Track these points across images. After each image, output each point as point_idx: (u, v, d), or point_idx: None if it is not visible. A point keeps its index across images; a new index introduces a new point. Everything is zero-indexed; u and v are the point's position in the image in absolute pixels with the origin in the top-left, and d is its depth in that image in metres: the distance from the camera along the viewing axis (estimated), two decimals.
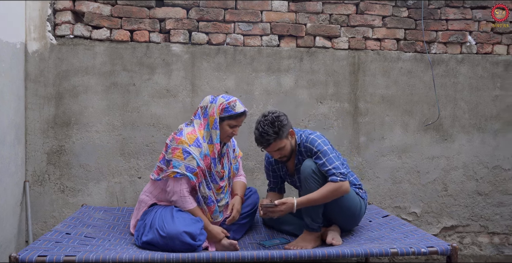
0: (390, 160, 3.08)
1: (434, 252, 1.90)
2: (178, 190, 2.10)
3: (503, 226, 3.18)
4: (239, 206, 2.30)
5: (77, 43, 2.84)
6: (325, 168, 2.15)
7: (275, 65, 2.99)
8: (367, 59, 3.06)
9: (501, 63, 3.15)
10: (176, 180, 2.10)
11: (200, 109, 2.23)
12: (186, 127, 2.20)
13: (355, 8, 3.06)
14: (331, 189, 2.13)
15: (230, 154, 2.37)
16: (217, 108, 2.18)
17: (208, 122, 2.18)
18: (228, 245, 2.11)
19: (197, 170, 2.10)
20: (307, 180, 2.18)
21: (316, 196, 2.14)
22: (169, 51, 2.91)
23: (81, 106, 2.85)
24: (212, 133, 2.18)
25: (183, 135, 2.13)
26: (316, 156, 2.19)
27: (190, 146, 2.10)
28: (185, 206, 2.10)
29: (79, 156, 2.85)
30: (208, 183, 2.18)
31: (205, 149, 2.15)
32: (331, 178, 2.14)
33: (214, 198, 2.22)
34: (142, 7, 2.89)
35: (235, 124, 2.21)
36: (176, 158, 2.09)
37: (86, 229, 2.21)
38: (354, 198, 2.29)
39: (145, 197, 2.24)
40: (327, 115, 3.03)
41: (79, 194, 2.86)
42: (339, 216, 2.29)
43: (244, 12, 2.96)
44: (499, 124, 3.14)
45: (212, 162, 2.18)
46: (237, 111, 2.18)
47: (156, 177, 2.21)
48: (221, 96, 2.22)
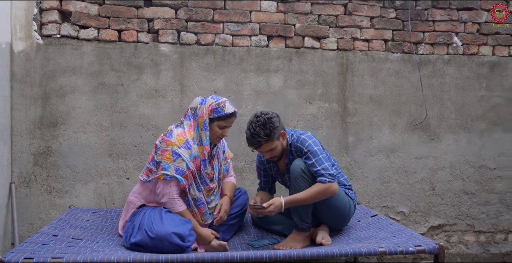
0: (378, 160, 3.11)
1: (421, 251, 1.92)
2: (168, 192, 2.09)
3: (489, 225, 3.22)
4: (227, 206, 2.30)
5: (64, 42, 2.81)
6: (315, 168, 2.16)
7: (264, 65, 2.99)
8: (355, 60, 3.08)
9: (486, 64, 3.19)
10: (165, 182, 2.09)
11: (190, 110, 2.23)
12: (176, 128, 2.19)
13: (343, 9, 3.08)
14: (320, 189, 2.14)
15: (220, 156, 2.37)
16: (207, 109, 2.17)
17: (198, 123, 2.17)
18: (217, 246, 2.11)
19: (187, 172, 2.10)
20: (297, 180, 2.19)
21: (304, 196, 2.15)
22: (157, 51, 2.89)
23: (68, 107, 2.82)
24: (202, 135, 2.17)
25: (172, 137, 2.12)
26: (306, 156, 2.20)
27: (180, 148, 2.09)
28: (175, 208, 2.10)
29: (66, 157, 2.81)
30: (198, 185, 2.18)
31: (195, 150, 2.14)
32: (320, 178, 2.14)
33: (204, 200, 2.21)
34: (130, 7, 2.87)
35: (224, 125, 2.21)
36: (165, 160, 2.08)
37: (73, 231, 2.18)
38: (343, 199, 2.30)
39: (133, 198, 2.23)
40: (316, 115, 3.05)
41: (67, 195, 2.82)
42: (329, 216, 2.31)
43: (233, 12, 2.96)
44: (485, 124, 3.19)
45: (202, 164, 2.17)
46: (226, 112, 2.18)
47: (146, 178, 2.19)
48: (211, 97, 2.22)
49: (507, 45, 3.22)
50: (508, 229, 3.24)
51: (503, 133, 3.20)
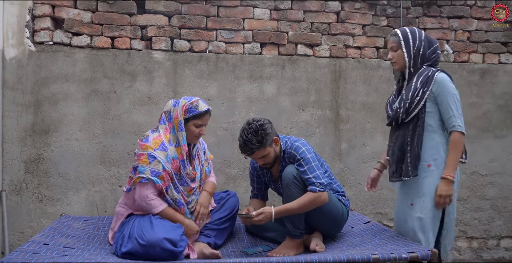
0: (371, 167, 3.09)
1: (414, 257, 1.92)
2: (145, 194, 2.08)
3: (481, 231, 3.24)
4: (205, 201, 2.29)
5: (56, 50, 2.80)
6: (306, 176, 2.16)
7: (257, 72, 3.00)
8: (348, 67, 3.10)
9: (477, 71, 3.23)
10: (142, 185, 2.09)
11: (164, 114, 2.23)
12: (152, 133, 2.20)
13: (336, 17, 3.11)
14: (309, 199, 2.14)
15: (201, 156, 2.37)
16: (181, 110, 2.18)
17: (173, 125, 2.18)
18: (210, 255, 2.10)
19: (163, 173, 2.09)
20: (289, 186, 2.19)
21: (295, 205, 2.15)
22: (150, 58, 2.89)
23: (60, 114, 2.80)
24: (178, 136, 2.17)
25: (148, 141, 2.12)
26: (298, 163, 2.20)
27: (155, 151, 2.09)
28: (156, 209, 2.09)
29: (58, 165, 2.79)
30: (176, 186, 2.17)
31: (172, 152, 2.15)
32: (310, 187, 2.14)
33: (184, 200, 2.20)
34: (123, 14, 2.88)
35: (200, 123, 2.21)
36: (141, 164, 2.09)
37: (65, 240, 2.15)
38: (336, 205, 2.31)
39: (121, 209, 2.22)
40: (309, 122, 3.06)
41: (58, 203, 2.80)
42: (322, 222, 2.30)
43: (226, 20, 2.97)
44: (475, 130, 3.22)
45: (181, 164, 2.17)
46: (200, 110, 2.19)
47: (127, 187, 2.19)
48: (183, 98, 2.23)
49: (497, 53, 3.27)
50: (500, 235, 3.26)
51: (494, 139, 3.24)
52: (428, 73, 2.10)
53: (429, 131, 2.11)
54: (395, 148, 2.21)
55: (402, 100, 2.16)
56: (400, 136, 2.18)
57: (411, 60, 2.15)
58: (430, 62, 2.15)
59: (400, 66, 2.19)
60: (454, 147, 2.06)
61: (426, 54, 2.14)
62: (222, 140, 2.95)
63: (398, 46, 2.16)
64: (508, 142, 3.25)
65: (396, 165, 2.18)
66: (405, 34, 2.15)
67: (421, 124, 2.10)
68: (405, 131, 2.15)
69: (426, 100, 2.09)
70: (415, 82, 2.12)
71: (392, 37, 2.19)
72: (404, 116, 2.14)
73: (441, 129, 2.12)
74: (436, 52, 2.16)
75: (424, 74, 2.11)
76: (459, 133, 2.06)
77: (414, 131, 2.12)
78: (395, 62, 2.20)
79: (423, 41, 2.13)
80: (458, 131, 2.05)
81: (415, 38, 2.13)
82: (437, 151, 2.10)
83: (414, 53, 2.13)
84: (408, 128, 2.14)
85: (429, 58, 2.15)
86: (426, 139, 2.11)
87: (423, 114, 2.10)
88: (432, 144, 2.11)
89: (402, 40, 2.14)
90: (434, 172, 2.09)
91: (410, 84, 2.14)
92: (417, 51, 2.13)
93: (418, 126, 2.11)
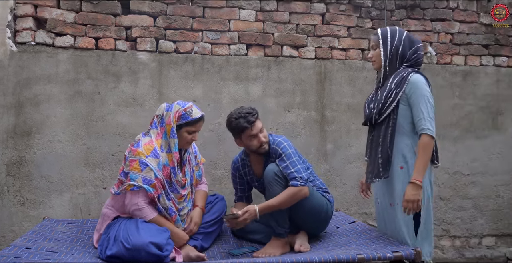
0: (356, 167, 3.14)
1: (399, 256, 1.94)
2: (136, 202, 2.06)
3: (463, 230, 3.30)
4: (198, 219, 2.28)
5: (39, 50, 2.75)
6: (288, 171, 2.20)
7: (243, 73, 3.00)
8: (333, 68, 3.13)
9: (459, 73, 3.29)
10: (133, 193, 2.07)
11: (156, 118, 2.20)
12: (144, 137, 2.16)
13: (321, 19, 3.13)
14: (291, 193, 2.17)
15: (192, 161, 2.36)
16: (173, 116, 2.14)
17: (165, 131, 2.15)
18: (195, 257, 2.09)
19: (155, 181, 2.07)
20: (271, 184, 2.22)
21: (277, 201, 2.17)
22: (135, 59, 2.87)
23: (43, 115, 2.76)
24: (170, 142, 2.14)
25: (140, 147, 2.09)
26: (280, 158, 2.24)
27: (147, 157, 2.06)
28: (146, 217, 2.07)
29: (40, 167, 2.74)
30: (167, 194, 2.15)
31: (164, 159, 2.12)
32: (291, 182, 2.18)
33: (175, 208, 2.19)
34: (107, 15, 2.85)
35: (194, 130, 2.19)
36: (133, 171, 2.06)
37: (47, 243, 2.12)
38: (321, 201, 2.33)
39: (107, 211, 2.19)
40: (295, 123, 3.07)
41: (41, 206, 2.75)
42: (307, 220, 2.32)
43: (212, 21, 2.97)
44: (458, 131, 3.28)
45: (171, 171, 2.15)
46: (194, 117, 2.16)
47: (116, 190, 2.16)
48: (176, 103, 2.19)
49: (479, 55, 3.33)
50: (482, 233, 3.33)
51: (476, 140, 3.30)
52: (403, 74, 2.07)
53: (402, 132, 2.08)
54: (371, 149, 2.21)
55: (376, 100, 2.15)
56: (375, 136, 2.17)
57: (387, 59, 2.13)
58: (411, 62, 2.12)
59: (379, 65, 2.18)
60: (422, 150, 2.00)
61: (405, 54, 2.11)
62: (208, 141, 2.94)
63: (377, 45, 2.16)
64: (489, 143, 3.32)
65: (372, 166, 2.17)
66: (385, 33, 2.14)
67: (393, 126, 2.07)
68: (379, 131, 2.14)
69: (399, 101, 2.06)
70: (390, 82, 2.10)
71: (373, 36, 2.19)
72: (377, 117, 2.12)
73: (414, 131, 2.07)
74: (417, 52, 2.12)
75: (399, 75, 2.08)
76: (428, 137, 1.99)
77: (386, 132, 2.10)
78: (374, 60, 2.19)
79: (403, 40, 2.11)
80: (427, 135, 1.99)
81: (394, 37, 2.11)
82: (410, 154, 2.07)
83: (392, 52, 2.11)
84: (381, 129, 2.13)
85: (409, 58, 2.12)
86: (398, 141, 2.08)
87: (395, 115, 2.07)
88: (405, 146, 2.08)
89: (380, 39, 2.14)
90: (406, 174, 2.06)
91: (386, 84, 2.12)
92: (395, 51, 2.11)
93: (390, 127, 2.08)
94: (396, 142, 2.09)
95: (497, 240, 3.36)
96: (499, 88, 3.34)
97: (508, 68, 3.36)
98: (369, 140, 2.25)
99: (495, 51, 3.35)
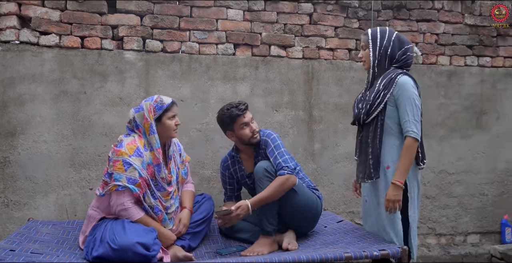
0: (344, 167, 3.17)
1: (385, 255, 1.96)
2: (122, 202, 2.05)
3: (448, 228, 3.34)
4: (187, 220, 2.28)
5: (23, 49, 2.71)
6: (276, 161, 2.25)
7: (230, 73, 3.00)
8: (320, 68, 3.14)
9: (444, 73, 3.34)
10: (118, 193, 2.06)
11: (129, 124, 2.21)
12: (126, 137, 2.16)
13: (308, 19, 3.14)
14: (279, 183, 2.20)
15: (177, 159, 2.36)
16: (148, 112, 2.16)
17: (144, 130, 2.16)
18: (183, 257, 2.08)
19: (140, 180, 2.06)
20: (261, 180, 2.24)
21: (266, 193, 2.20)
22: (122, 59, 2.84)
23: (27, 115, 2.71)
24: (150, 140, 2.15)
25: (123, 146, 2.09)
26: (270, 149, 2.31)
27: (131, 157, 2.06)
28: (132, 217, 2.06)
29: (25, 168, 2.70)
30: (153, 193, 2.15)
31: (148, 157, 2.12)
32: (279, 172, 2.22)
33: (162, 207, 2.18)
34: (93, 13, 2.82)
35: (173, 115, 2.23)
36: (117, 171, 2.05)
37: (32, 245, 2.09)
38: (312, 198, 2.37)
39: (93, 212, 2.17)
40: (283, 123, 3.08)
41: (25, 208, 2.71)
42: (297, 216, 2.34)
43: (200, 20, 2.96)
44: (444, 130, 3.32)
45: (155, 169, 2.15)
46: (167, 103, 2.21)
47: (101, 192, 2.14)
48: (143, 102, 2.22)
49: (463, 55, 3.38)
50: (467, 231, 3.38)
51: (461, 139, 3.35)
52: (392, 76, 2.09)
53: (390, 133, 2.12)
54: (361, 149, 2.23)
55: (365, 100, 2.18)
56: (364, 136, 2.20)
57: (375, 60, 2.15)
58: (400, 63, 2.15)
59: (369, 65, 2.20)
60: (405, 152, 2.03)
61: (395, 55, 2.13)
62: (196, 141, 2.93)
63: (367, 45, 2.18)
64: (473, 142, 3.37)
65: (363, 166, 2.20)
66: (375, 33, 2.16)
67: (381, 126, 2.10)
68: (367, 132, 2.17)
69: (387, 102, 2.09)
70: (378, 83, 2.12)
71: (363, 36, 2.21)
72: (365, 117, 2.15)
73: (401, 132, 2.10)
74: (406, 53, 2.14)
75: (388, 76, 2.11)
76: (412, 139, 2.03)
77: (374, 133, 2.13)
78: (364, 61, 2.22)
79: (392, 41, 2.13)
80: (411, 137, 2.02)
81: (384, 38, 2.13)
82: (397, 154, 2.09)
83: (381, 53, 2.14)
84: (369, 130, 2.16)
85: (399, 59, 2.14)
86: (386, 141, 2.11)
87: (383, 117, 2.10)
88: (392, 146, 2.11)
89: (370, 39, 2.16)
90: (391, 174, 2.08)
91: (374, 85, 2.15)
92: (384, 51, 2.13)
93: (378, 128, 2.11)
94: (384, 143, 2.12)
95: (482, 237, 3.42)
96: (483, 88, 3.39)
97: (492, 68, 3.42)
98: (358, 140, 2.28)
99: (479, 51, 3.41)
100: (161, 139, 2.19)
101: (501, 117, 3.42)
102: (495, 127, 3.41)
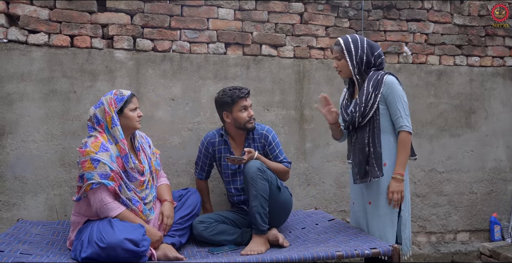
0: (335, 166, 3.18)
1: (376, 253, 1.98)
2: (100, 199, 2.04)
3: (438, 226, 3.38)
4: (169, 211, 2.29)
5: (11, 47, 2.68)
6: (278, 159, 2.52)
7: (222, 72, 2.99)
8: (311, 68, 3.15)
9: (434, 72, 3.37)
10: (94, 191, 2.05)
11: (90, 122, 2.20)
12: (89, 138, 2.15)
13: (299, 18, 3.15)
14: (284, 169, 2.51)
15: (146, 150, 2.37)
16: (109, 106, 2.16)
17: (106, 124, 2.16)
18: (173, 258, 2.07)
19: (112, 174, 2.06)
20: (254, 179, 2.25)
21: (274, 165, 2.46)
22: (112, 58, 2.82)
23: (16, 115, 2.68)
24: (114, 133, 2.15)
25: (88, 146, 2.08)
26: (272, 146, 2.52)
27: (97, 153, 2.06)
28: (114, 212, 2.05)
29: (14, 168, 2.67)
30: (127, 185, 2.14)
31: (114, 151, 2.13)
32: (284, 164, 2.52)
33: (138, 197, 2.18)
34: (83, 12, 2.79)
35: (134, 107, 2.24)
36: (87, 170, 2.04)
37: (21, 246, 2.07)
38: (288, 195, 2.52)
39: (75, 218, 2.16)
40: (274, 122, 3.08)
41: (14, 208, 2.67)
42: (279, 212, 2.44)
43: (190, 19, 2.95)
44: (434, 129, 3.35)
45: (123, 160, 2.14)
46: (127, 95, 2.23)
47: (77, 196, 2.13)
48: (103, 97, 2.22)
49: (452, 55, 3.42)
50: (457, 229, 3.41)
51: (450, 138, 3.38)
52: (377, 77, 2.21)
53: (384, 132, 2.21)
54: (356, 151, 2.27)
55: (356, 104, 2.24)
56: (359, 138, 2.25)
57: (355, 69, 2.25)
58: (377, 67, 2.27)
59: (346, 75, 2.31)
60: (402, 146, 2.18)
61: (370, 60, 2.24)
62: (187, 140, 2.92)
63: (342, 56, 2.27)
64: (463, 141, 3.41)
65: (359, 167, 2.24)
66: (348, 44, 2.24)
67: (377, 126, 2.19)
68: (363, 133, 2.23)
69: (379, 102, 2.19)
70: (366, 86, 2.21)
71: (336, 46, 2.29)
72: (361, 119, 2.22)
73: (393, 130, 2.23)
74: (380, 56, 2.27)
75: (374, 78, 2.21)
76: (407, 133, 2.17)
77: (372, 133, 2.20)
78: (341, 70, 2.32)
79: (365, 49, 2.23)
80: (405, 131, 2.17)
81: (357, 47, 2.23)
82: (392, 151, 2.21)
83: (358, 61, 2.24)
84: (365, 131, 2.22)
85: (375, 63, 2.26)
86: (382, 140, 2.20)
87: (377, 116, 2.19)
88: (387, 144, 2.21)
89: (345, 50, 2.25)
90: (389, 170, 2.19)
91: (362, 89, 2.23)
92: (360, 60, 2.23)
93: (375, 128, 2.20)
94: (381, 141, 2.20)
95: (471, 235, 3.46)
96: (472, 88, 3.43)
97: (481, 67, 3.46)
98: (352, 143, 2.32)
99: (468, 51, 3.44)
100: (125, 132, 2.19)
101: (489, 116, 3.46)
102: (483, 126, 3.45)
